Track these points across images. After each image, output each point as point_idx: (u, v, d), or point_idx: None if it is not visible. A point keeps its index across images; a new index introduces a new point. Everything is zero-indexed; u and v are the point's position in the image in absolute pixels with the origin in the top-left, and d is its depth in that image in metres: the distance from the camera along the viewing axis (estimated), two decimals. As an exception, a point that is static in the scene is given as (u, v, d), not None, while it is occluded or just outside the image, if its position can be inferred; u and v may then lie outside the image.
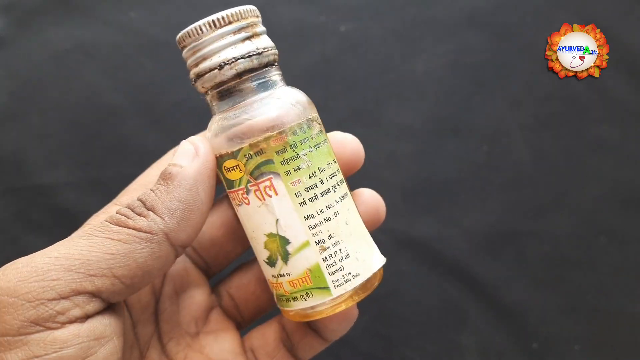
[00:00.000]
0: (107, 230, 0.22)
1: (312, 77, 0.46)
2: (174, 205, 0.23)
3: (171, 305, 0.29)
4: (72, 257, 0.21)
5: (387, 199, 0.29)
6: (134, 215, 0.23)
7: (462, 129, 0.45)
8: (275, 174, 0.25)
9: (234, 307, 0.31)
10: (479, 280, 0.43)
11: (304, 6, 0.46)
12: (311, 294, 0.25)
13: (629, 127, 0.44)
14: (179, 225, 0.23)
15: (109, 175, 0.45)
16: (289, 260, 0.25)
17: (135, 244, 0.22)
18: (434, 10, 0.46)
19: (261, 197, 0.25)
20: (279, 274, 0.26)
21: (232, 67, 0.24)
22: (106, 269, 0.21)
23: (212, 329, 0.30)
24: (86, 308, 0.21)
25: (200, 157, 0.24)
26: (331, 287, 0.25)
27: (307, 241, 0.25)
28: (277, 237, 0.25)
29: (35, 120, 0.45)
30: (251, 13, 0.25)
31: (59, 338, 0.20)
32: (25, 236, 0.44)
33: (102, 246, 0.22)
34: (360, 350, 0.43)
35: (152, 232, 0.22)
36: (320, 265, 0.25)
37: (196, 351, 0.29)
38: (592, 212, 0.43)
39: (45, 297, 0.20)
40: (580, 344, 0.42)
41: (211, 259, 0.31)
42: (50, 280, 0.21)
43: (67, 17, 0.47)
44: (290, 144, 0.24)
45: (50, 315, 0.20)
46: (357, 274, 0.25)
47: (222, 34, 0.25)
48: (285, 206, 0.25)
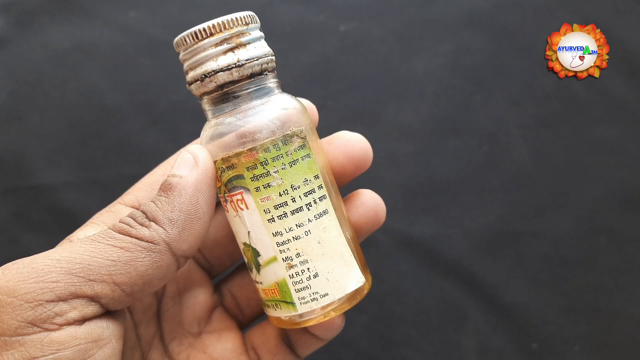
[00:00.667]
0: (110, 237, 0.22)
1: (312, 77, 0.46)
2: (175, 215, 0.23)
3: (174, 305, 0.29)
4: (74, 260, 0.21)
5: (387, 199, 0.29)
6: (136, 224, 0.23)
7: (462, 129, 0.45)
8: (245, 189, 0.25)
9: (235, 306, 0.31)
10: (479, 280, 0.43)
11: (304, 6, 0.46)
12: (279, 305, 0.26)
13: (629, 127, 0.44)
14: (180, 235, 0.23)
15: (108, 175, 0.45)
16: (261, 270, 0.26)
17: (137, 253, 0.22)
18: (434, 10, 0.46)
19: (235, 208, 0.25)
20: (255, 280, 0.27)
21: (212, 80, 0.24)
22: (106, 275, 0.21)
23: (215, 328, 0.30)
24: (84, 311, 0.21)
25: (199, 167, 0.24)
26: (297, 304, 0.25)
27: (274, 257, 0.25)
28: (250, 248, 0.26)
29: (35, 120, 0.45)
30: (239, 22, 0.25)
31: (56, 339, 0.20)
32: (25, 236, 0.44)
33: (104, 252, 0.22)
34: (360, 350, 0.43)
35: (154, 242, 0.22)
36: (287, 281, 0.25)
37: (199, 351, 0.29)
38: (592, 212, 0.43)
39: (44, 299, 0.20)
40: (580, 344, 0.42)
41: (215, 260, 0.31)
42: (49, 282, 0.21)
43: (67, 17, 0.47)
44: (260, 161, 0.24)
45: (48, 317, 0.20)
46: (326, 293, 0.25)
47: (204, 45, 0.24)
48: (255, 221, 0.25)
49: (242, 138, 0.24)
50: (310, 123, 0.26)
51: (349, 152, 0.28)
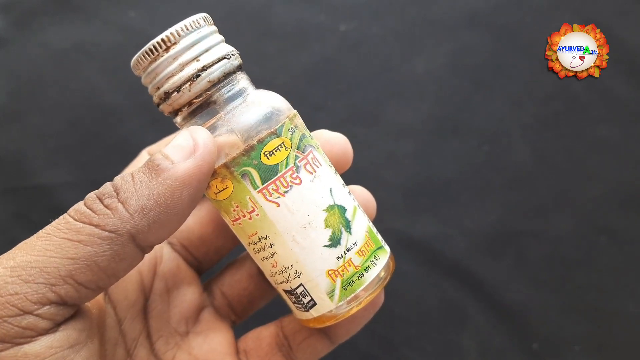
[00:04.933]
0: (67, 228, 0.20)
1: (312, 77, 0.46)
2: (150, 204, 0.20)
3: (162, 302, 0.28)
4: (29, 265, 0.19)
5: (387, 199, 0.29)
6: (100, 207, 0.20)
7: (462, 129, 0.45)
8: (312, 146, 0.25)
9: (226, 305, 0.30)
10: (479, 280, 0.43)
11: (303, 6, 0.46)
12: (377, 255, 0.25)
13: (629, 127, 0.44)
14: (149, 228, 0.20)
15: (108, 175, 0.44)
16: (352, 227, 0.24)
17: (96, 247, 0.20)
18: (434, 10, 0.46)
19: (312, 169, 0.24)
20: (346, 249, 0.24)
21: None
22: (67, 276, 0.19)
23: (203, 329, 0.29)
24: (55, 318, 0.20)
25: (197, 157, 0.21)
26: (383, 245, 0.26)
27: (355, 206, 0.25)
28: (336, 208, 0.24)
29: (35, 120, 0.45)
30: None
31: (31, 352, 0.19)
32: (25, 236, 0.44)
33: (60, 250, 0.20)
34: (360, 350, 0.43)
35: (116, 232, 0.20)
36: (370, 226, 0.26)
37: (185, 351, 0.28)
38: (592, 212, 0.43)
39: (7, 315, 0.19)
40: (580, 344, 0.42)
41: (202, 256, 0.30)
42: (8, 296, 0.19)
43: (67, 17, 0.46)
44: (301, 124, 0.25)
45: (17, 333, 0.19)
46: None
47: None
48: (330, 175, 0.25)
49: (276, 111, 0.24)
50: None
51: (328, 152, 0.27)
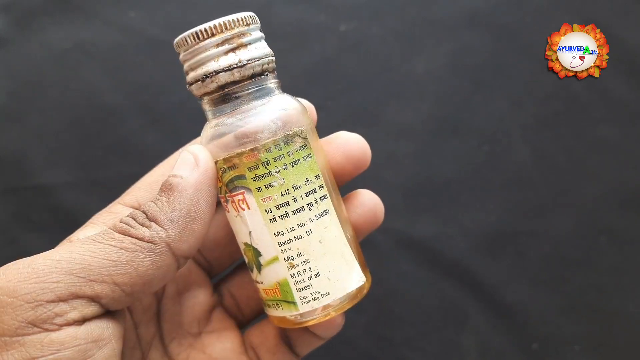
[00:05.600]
0: (111, 237, 0.22)
1: (312, 77, 0.46)
2: (175, 216, 0.23)
3: (173, 305, 0.29)
4: (74, 260, 0.21)
5: (387, 199, 0.29)
6: (136, 224, 0.23)
7: (462, 129, 0.45)
8: (247, 189, 0.25)
9: (235, 306, 0.31)
10: (479, 280, 0.43)
11: (304, 6, 0.46)
12: (281, 305, 0.26)
13: (629, 127, 0.44)
14: (180, 236, 0.23)
15: (108, 175, 0.45)
16: (262, 270, 0.26)
17: (137, 253, 0.22)
18: (434, 10, 0.46)
19: (236, 208, 0.25)
20: (256, 280, 0.27)
21: (214, 80, 0.24)
22: (107, 276, 0.22)
23: (214, 328, 0.30)
24: (84, 311, 0.21)
25: (200, 167, 0.24)
26: (298, 303, 0.25)
27: (276, 256, 0.25)
28: (252, 248, 0.26)
29: (35, 120, 0.45)
30: (240, 22, 0.25)
31: (56, 340, 0.20)
32: (25, 236, 0.44)
33: (105, 252, 0.22)
34: (360, 350, 0.43)
35: (155, 242, 0.23)
36: (288, 280, 0.25)
37: (198, 351, 0.29)
38: (592, 212, 0.43)
39: (44, 299, 0.20)
40: (580, 344, 0.42)
41: (214, 259, 0.31)
42: (50, 283, 0.21)
43: (67, 17, 0.47)
44: (262, 161, 0.24)
45: (48, 317, 0.20)
46: (327, 293, 0.25)
47: (205, 46, 0.24)
48: (256, 221, 0.25)
49: (243, 138, 0.24)
50: (310, 123, 0.26)
51: (347, 152, 0.28)
